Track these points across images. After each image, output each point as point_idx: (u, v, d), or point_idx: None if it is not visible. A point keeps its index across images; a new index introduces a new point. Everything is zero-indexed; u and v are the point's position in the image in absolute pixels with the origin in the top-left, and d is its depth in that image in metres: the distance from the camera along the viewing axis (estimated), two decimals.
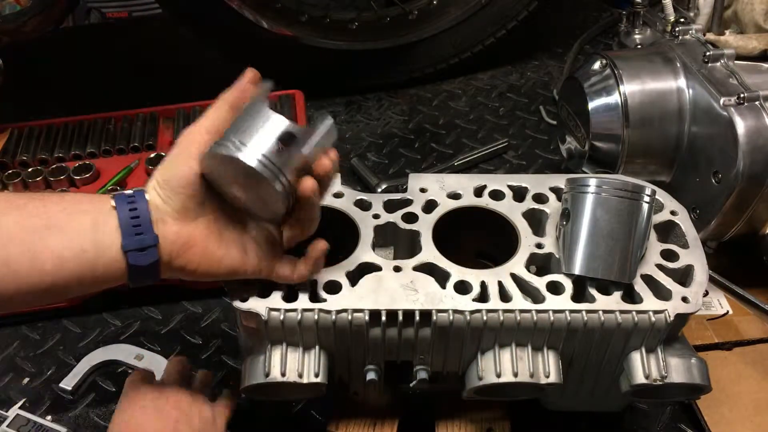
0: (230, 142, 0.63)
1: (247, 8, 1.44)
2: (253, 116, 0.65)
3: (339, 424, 0.88)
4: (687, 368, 0.76)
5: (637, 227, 0.76)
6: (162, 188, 0.66)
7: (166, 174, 0.67)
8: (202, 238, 0.67)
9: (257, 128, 0.64)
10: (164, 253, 0.66)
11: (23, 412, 0.96)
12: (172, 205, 0.66)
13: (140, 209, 0.65)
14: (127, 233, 0.64)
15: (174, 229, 0.66)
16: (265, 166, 0.63)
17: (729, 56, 1.02)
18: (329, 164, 0.68)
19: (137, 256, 0.65)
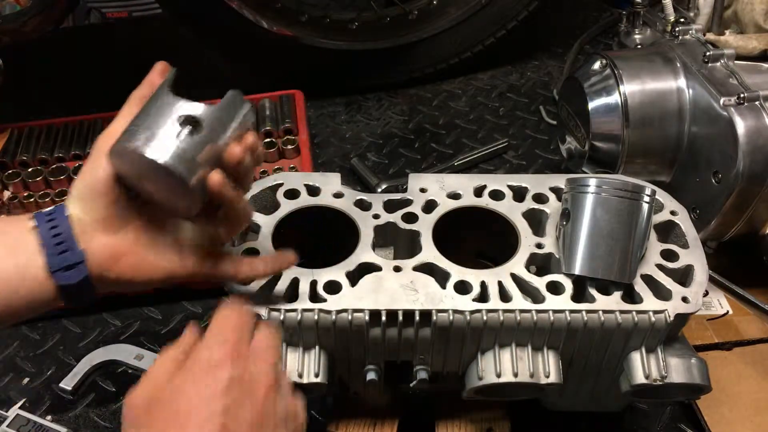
0: (131, 134, 0.59)
1: (247, 8, 1.44)
2: (154, 105, 0.60)
3: (339, 424, 0.88)
4: (687, 368, 0.76)
5: (637, 227, 0.76)
6: (81, 199, 0.63)
7: (83, 183, 0.63)
8: (131, 247, 0.64)
9: (157, 116, 0.59)
10: (94, 267, 0.62)
11: (23, 412, 0.96)
12: (93, 215, 0.62)
13: (61, 225, 0.62)
14: (51, 252, 0.61)
15: (101, 242, 0.63)
16: (170, 156, 0.58)
17: (729, 56, 1.02)
18: (238, 152, 0.61)
19: (65, 276, 0.61)
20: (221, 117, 0.60)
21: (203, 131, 0.59)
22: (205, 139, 0.59)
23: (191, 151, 0.58)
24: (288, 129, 1.36)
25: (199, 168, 0.59)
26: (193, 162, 0.58)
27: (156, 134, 0.58)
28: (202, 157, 0.59)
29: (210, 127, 0.60)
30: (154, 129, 0.58)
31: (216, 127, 0.60)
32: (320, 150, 1.46)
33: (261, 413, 0.57)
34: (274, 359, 0.62)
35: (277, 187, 0.87)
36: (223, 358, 0.58)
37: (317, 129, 1.52)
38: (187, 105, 0.60)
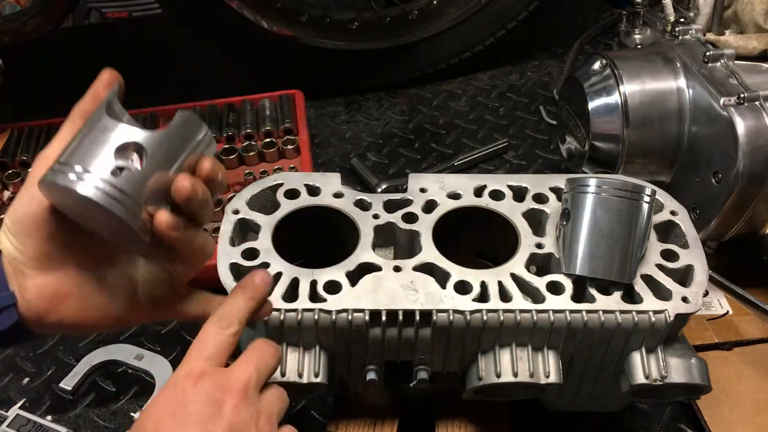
0: (65, 165, 0.50)
1: (247, 8, 1.44)
2: (90, 129, 0.52)
3: (339, 424, 0.88)
4: (687, 368, 0.76)
5: (637, 227, 0.76)
6: (13, 234, 0.54)
7: (15, 216, 0.54)
8: (74, 287, 0.56)
9: (93, 144, 0.51)
10: (29, 311, 0.55)
11: (23, 412, 0.96)
12: (28, 252, 0.54)
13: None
14: None
15: (36, 282, 0.55)
16: (105, 193, 0.50)
17: (729, 56, 1.02)
18: (187, 186, 0.52)
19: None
20: (168, 144, 0.52)
21: (146, 162, 0.51)
22: (147, 172, 0.51)
23: (131, 187, 0.50)
24: (288, 129, 1.36)
25: (140, 205, 0.51)
26: (133, 199, 0.51)
27: (90, 166, 0.50)
28: (143, 193, 0.51)
29: (154, 157, 0.51)
30: (89, 159, 0.50)
31: (161, 156, 0.52)
32: (320, 150, 1.46)
33: (231, 425, 0.54)
34: (247, 378, 0.57)
35: (277, 187, 0.87)
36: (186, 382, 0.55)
37: (317, 129, 1.52)
38: (128, 131, 0.51)
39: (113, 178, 0.50)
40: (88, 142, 0.51)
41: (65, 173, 0.50)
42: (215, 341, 0.57)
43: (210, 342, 0.57)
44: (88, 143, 0.51)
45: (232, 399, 0.55)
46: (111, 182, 0.50)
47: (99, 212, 0.51)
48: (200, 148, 0.54)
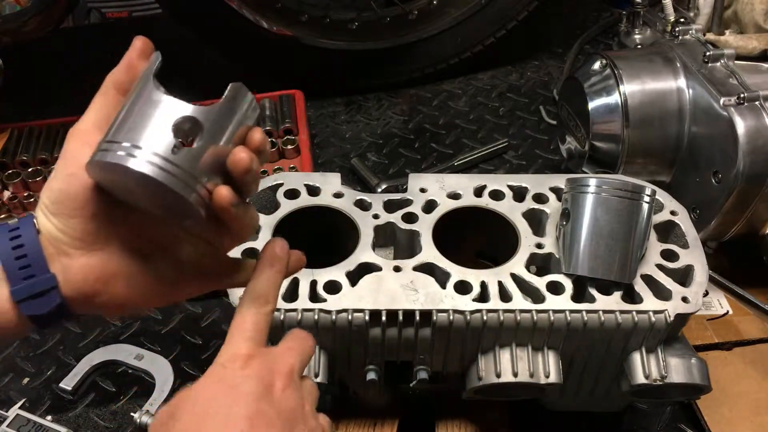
0: (115, 143, 0.49)
1: (247, 8, 1.44)
2: (140, 103, 0.51)
3: (339, 424, 0.88)
4: (687, 368, 0.76)
5: (637, 227, 0.76)
6: (54, 213, 0.52)
7: (54, 194, 0.52)
8: (122, 267, 0.54)
9: (145, 119, 0.49)
10: (75, 292, 0.53)
11: (23, 412, 0.96)
12: (71, 233, 0.52)
13: (27, 244, 0.52)
14: (14, 278, 0.51)
15: (81, 262, 0.52)
16: (164, 170, 0.48)
17: (729, 56, 1.02)
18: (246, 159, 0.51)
19: (32, 306, 0.52)
20: (222, 118, 0.51)
21: (203, 138, 0.50)
22: (204, 148, 0.50)
23: (188, 163, 0.49)
24: (288, 129, 1.36)
25: (197, 180, 0.50)
26: (191, 175, 0.49)
27: (144, 143, 0.49)
28: (202, 169, 0.50)
29: (210, 132, 0.50)
30: (144, 136, 0.49)
31: (217, 131, 0.51)
32: (320, 150, 1.46)
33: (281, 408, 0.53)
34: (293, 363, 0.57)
35: (277, 187, 0.87)
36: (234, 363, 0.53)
37: (317, 129, 1.52)
38: (182, 105, 0.50)
39: (171, 154, 0.49)
40: (139, 117, 0.49)
41: (120, 150, 0.48)
42: (254, 321, 0.56)
43: (249, 323, 0.56)
44: (140, 118, 0.49)
45: (281, 382, 0.54)
46: (168, 158, 0.48)
47: (155, 190, 0.49)
48: (248, 118, 0.53)
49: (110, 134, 0.50)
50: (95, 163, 0.50)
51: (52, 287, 0.52)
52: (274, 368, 0.55)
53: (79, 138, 0.53)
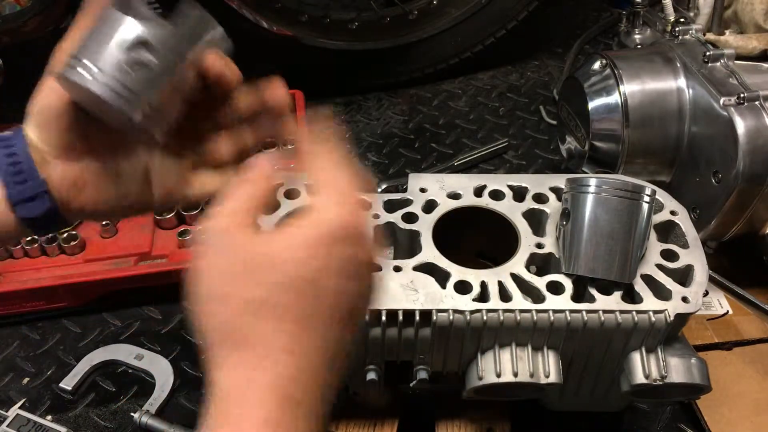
0: (76, 60, 0.52)
1: (247, 8, 1.44)
2: (103, 22, 0.53)
3: (339, 424, 0.88)
4: (687, 368, 0.76)
5: (637, 227, 0.76)
6: (35, 125, 0.57)
7: (37, 108, 0.57)
8: (92, 177, 0.58)
9: (105, 38, 0.52)
10: (56, 198, 0.57)
11: (23, 412, 0.96)
12: (49, 142, 0.57)
13: (20, 153, 0.56)
14: (10, 183, 0.56)
15: (58, 170, 0.57)
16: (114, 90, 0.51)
17: (729, 56, 1.02)
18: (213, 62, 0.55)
19: (26, 208, 0.56)
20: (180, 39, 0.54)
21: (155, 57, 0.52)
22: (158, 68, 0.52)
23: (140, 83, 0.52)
24: None
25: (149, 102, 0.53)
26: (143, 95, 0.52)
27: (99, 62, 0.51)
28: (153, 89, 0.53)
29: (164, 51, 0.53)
30: (98, 55, 0.51)
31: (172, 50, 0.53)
32: None
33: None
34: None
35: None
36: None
37: None
38: (136, 26, 0.52)
39: (121, 74, 0.51)
40: (98, 36, 0.52)
41: (75, 68, 0.51)
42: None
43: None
44: (98, 38, 0.52)
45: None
46: (119, 79, 0.51)
47: (108, 108, 0.52)
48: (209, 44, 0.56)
49: (75, 51, 0.53)
50: (58, 76, 0.53)
51: (43, 191, 0.56)
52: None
53: (60, 55, 0.55)
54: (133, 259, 1.14)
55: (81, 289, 1.09)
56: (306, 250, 0.47)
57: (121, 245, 1.16)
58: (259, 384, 0.45)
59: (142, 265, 1.12)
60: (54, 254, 1.15)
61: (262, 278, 0.47)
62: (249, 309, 0.46)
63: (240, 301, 0.47)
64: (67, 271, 1.12)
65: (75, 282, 1.09)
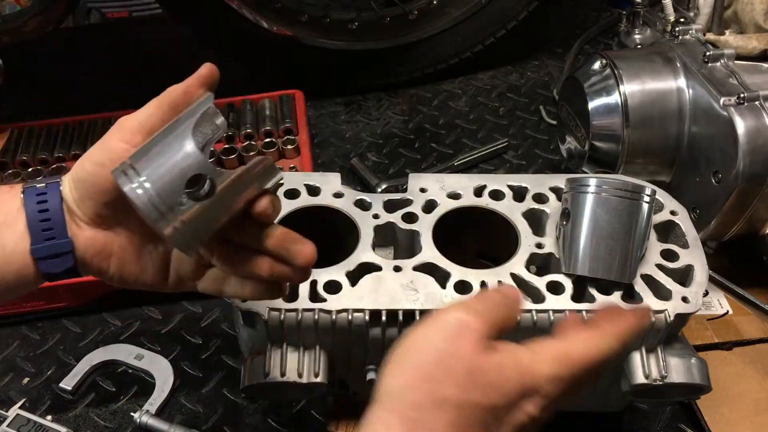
0: (134, 170, 0.53)
1: (247, 8, 1.44)
2: (171, 141, 0.54)
3: (339, 424, 0.88)
4: (687, 368, 0.76)
5: (637, 227, 0.76)
6: (76, 188, 0.58)
7: (83, 173, 0.58)
8: (119, 249, 0.60)
9: (168, 162, 0.53)
10: (78, 257, 0.59)
11: (23, 412, 0.96)
12: (84, 210, 0.59)
13: (52, 208, 0.57)
14: (36, 236, 0.57)
15: (86, 235, 0.59)
16: (165, 218, 0.52)
17: (729, 56, 1.02)
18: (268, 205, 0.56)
19: (48, 264, 0.58)
20: (238, 185, 0.54)
21: (211, 199, 0.53)
22: (209, 208, 0.53)
23: (190, 219, 0.53)
24: (288, 129, 1.36)
25: (195, 239, 0.54)
26: (190, 231, 0.53)
27: (158, 184, 0.52)
28: (201, 226, 0.54)
29: (220, 194, 0.53)
30: (158, 176, 0.52)
31: (228, 195, 0.54)
32: (320, 150, 1.46)
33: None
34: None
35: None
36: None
37: (317, 129, 1.52)
38: (203, 162, 0.53)
39: (175, 204, 0.52)
40: (162, 155, 0.53)
41: (130, 178, 0.52)
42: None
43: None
44: (162, 158, 0.53)
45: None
46: (172, 208, 0.52)
47: (154, 228, 0.53)
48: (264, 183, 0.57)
49: (135, 158, 0.53)
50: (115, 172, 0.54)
51: (69, 251, 0.58)
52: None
53: (121, 132, 0.58)
54: None
55: (81, 289, 1.09)
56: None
57: None
58: None
59: None
60: None
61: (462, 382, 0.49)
62: (437, 402, 0.48)
63: (437, 389, 0.49)
64: None
65: (75, 282, 1.08)
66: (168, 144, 0.53)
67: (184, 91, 0.59)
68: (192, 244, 0.55)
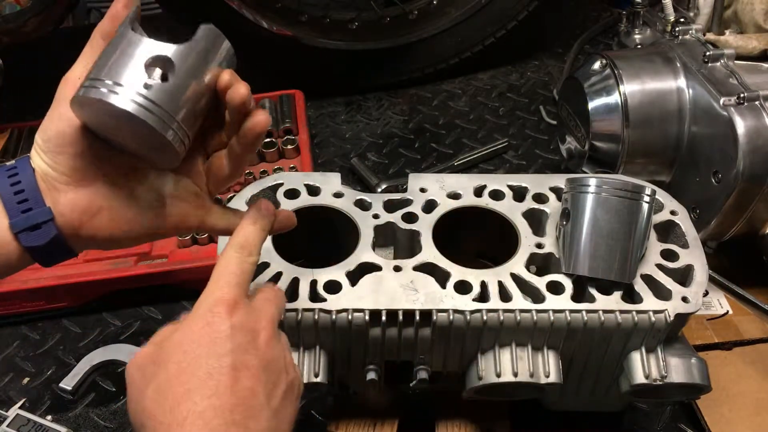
0: (97, 80, 0.52)
1: (247, 8, 1.44)
2: (117, 45, 0.54)
3: (339, 424, 0.88)
4: (687, 368, 0.76)
5: (637, 227, 0.76)
6: (45, 151, 0.57)
7: (46, 135, 0.57)
8: (106, 202, 0.58)
9: (125, 58, 0.52)
10: (64, 226, 0.57)
11: (23, 412, 0.96)
12: (59, 169, 0.57)
13: (25, 181, 0.56)
14: (12, 211, 0.56)
15: (69, 197, 0.57)
16: (141, 105, 0.52)
17: (729, 56, 1.02)
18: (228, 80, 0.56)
19: (30, 237, 0.56)
20: (197, 56, 0.55)
21: (176, 75, 0.53)
22: (178, 84, 0.53)
23: (164, 99, 0.52)
24: (288, 129, 1.36)
25: (174, 117, 0.53)
26: (167, 111, 0.53)
27: (123, 80, 0.52)
28: (176, 105, 0.53)
29: (182, 69, 0.54)
30: (121, 73, 0.52)
31: (189, 69, 0.54)
32: (320, 150, 1.46)
33: (266, 358, 0.55)
34: (273, 314, 0.59)
35: (277, 187, 0.87)
36: (221, 309, 0.54)
37: (317, 129, 1.52)
38: (156, 45, 0.53)
39: (146, 90, 0.52)
40: (117, 57, 0.53)
41: (98, 87, 0.52)
42: (241, 269, 0.58)
43: (235, 267, 0.57)
44: (118, 58, 0.53)
45: (266, 332, 0.56)
46: (144, 95, 0.51)
47: (133, 125, 0.52)
48: (223, 61, 0.57)
49: (92, 73, 0.53)
50: (78, 98, 0.53)
51: (48, 219, 0.56)
52: (259, 318, 0.56)
53: (68, 83, 0.57)
54: (133, 259, 1.14)
55: (81, 289, 1.10)
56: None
57: None
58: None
59: (142, 265, 1.12)
60: None
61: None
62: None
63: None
64: (67, 271, 1.12)
65: (75, 282, 1.09)
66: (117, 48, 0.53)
67: (111, 18, 0.58)
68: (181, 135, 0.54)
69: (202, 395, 0.50)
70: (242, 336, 0.54)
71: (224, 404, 0.50)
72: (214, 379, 0.51)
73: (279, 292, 0.63)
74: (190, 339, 0.53)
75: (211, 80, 0.56)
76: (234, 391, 0.51)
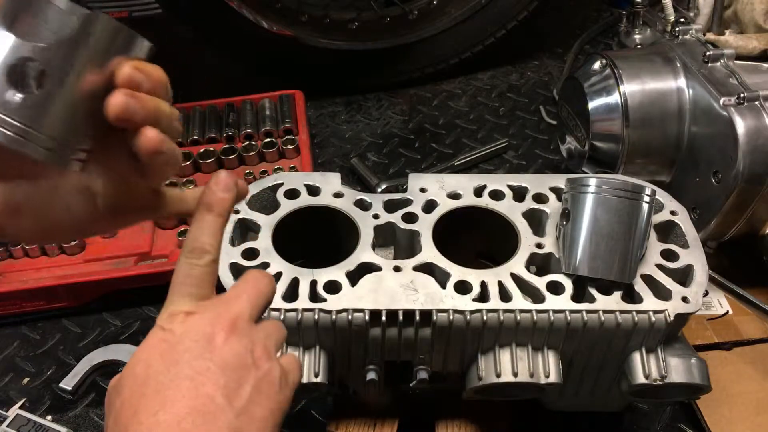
0: None
1: (247, 8, 1.44)
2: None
3: (339, 424, 0.88)
4: (687, 368, 0.76)
5: (637, 227, 0.76)
6: None
7: None
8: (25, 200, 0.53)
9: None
10: None
11: (23, 412, 0.96)
12: None
13: None
14: None
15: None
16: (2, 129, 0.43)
17: (729, 56, 1.02)
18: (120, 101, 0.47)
19: None
20: (71, 54, 0.44)
21: (46, 82, 0.44)
22: (48, 94, 0.44)
23: (27, 113, 0.43)
24: (288, 129, 1.36)
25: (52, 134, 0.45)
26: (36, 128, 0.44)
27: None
28: (49, 119, 0.44)
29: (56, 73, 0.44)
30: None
31: (66, 70, 0.44)
32: (320, 150, 1.46)
33: (223, 358, 0.52)
34: (241, 308, 0.54)
35: (277, 187, 0.87)
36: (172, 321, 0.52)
37: (317, 129, 1.52)
38: (18, 45, 0.43)
39: (6, 107, 0.43)
40: None
41: None
42: (191, 274, 0.54)
43: (186, 277, 0.54)
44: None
45: (223, 332, 0.53)
46: (4, 114, 0.43)
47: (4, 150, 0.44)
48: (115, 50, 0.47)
49: None
50: None
51: None
52: (215, 320, 0.53)
53: None
54: (133, 259, 1.14)
55: (81, 289, 1.09)
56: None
57: (121, 245, 1.16)
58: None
59: (142, 265, 1.12)
60: (54, 254, 1.15)
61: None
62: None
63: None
64: (67, 271, 1.12)
65: (75, 282, 1.09)
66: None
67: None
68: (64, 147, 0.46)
69: (148, 413, 0.48)
70: (193, 342, 0.52)
71: (171, 418, 0.48)
72: (161, 394, 0.49)
73: (258, 278, 0.57)
74: (142, 361, 0.51)
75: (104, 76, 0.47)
76: (186, 400, 0.49)
